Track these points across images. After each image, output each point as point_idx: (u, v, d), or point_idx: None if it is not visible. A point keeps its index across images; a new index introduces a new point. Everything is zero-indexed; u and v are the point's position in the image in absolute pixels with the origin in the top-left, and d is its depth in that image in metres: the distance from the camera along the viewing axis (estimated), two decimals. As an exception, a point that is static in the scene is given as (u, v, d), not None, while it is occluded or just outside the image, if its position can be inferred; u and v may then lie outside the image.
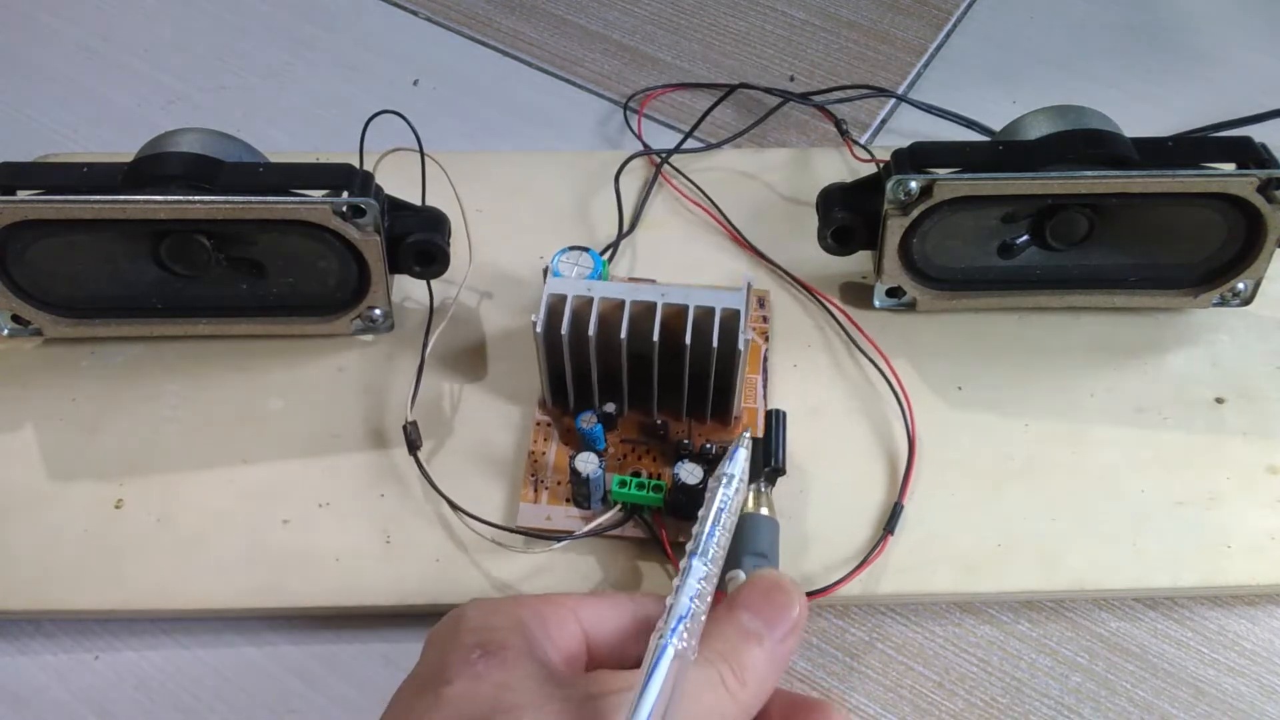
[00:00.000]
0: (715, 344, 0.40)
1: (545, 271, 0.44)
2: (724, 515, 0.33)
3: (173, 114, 0.58)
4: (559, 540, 0.41)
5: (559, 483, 0.42)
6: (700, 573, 0.31)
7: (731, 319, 0.41)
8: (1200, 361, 0.47)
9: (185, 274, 0.45)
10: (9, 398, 0.46)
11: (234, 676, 0.40)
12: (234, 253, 0.45)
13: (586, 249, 0.45)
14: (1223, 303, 0.47)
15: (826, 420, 0.45)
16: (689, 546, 0.32)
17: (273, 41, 0.62)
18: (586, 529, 0.41)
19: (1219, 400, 0.46)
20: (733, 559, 0.35)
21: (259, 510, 0.43)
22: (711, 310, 0.41)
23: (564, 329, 0.40)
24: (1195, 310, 0.48)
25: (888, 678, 0.40)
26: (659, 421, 0.43)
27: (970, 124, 0.55)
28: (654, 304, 0.41)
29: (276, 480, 0.43)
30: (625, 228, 0.51)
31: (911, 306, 0.48)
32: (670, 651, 0.28)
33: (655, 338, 0.40)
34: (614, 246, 0.50)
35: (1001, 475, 0.44)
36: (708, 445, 0.42)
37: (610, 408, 0.43)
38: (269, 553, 0.41)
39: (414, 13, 0.64)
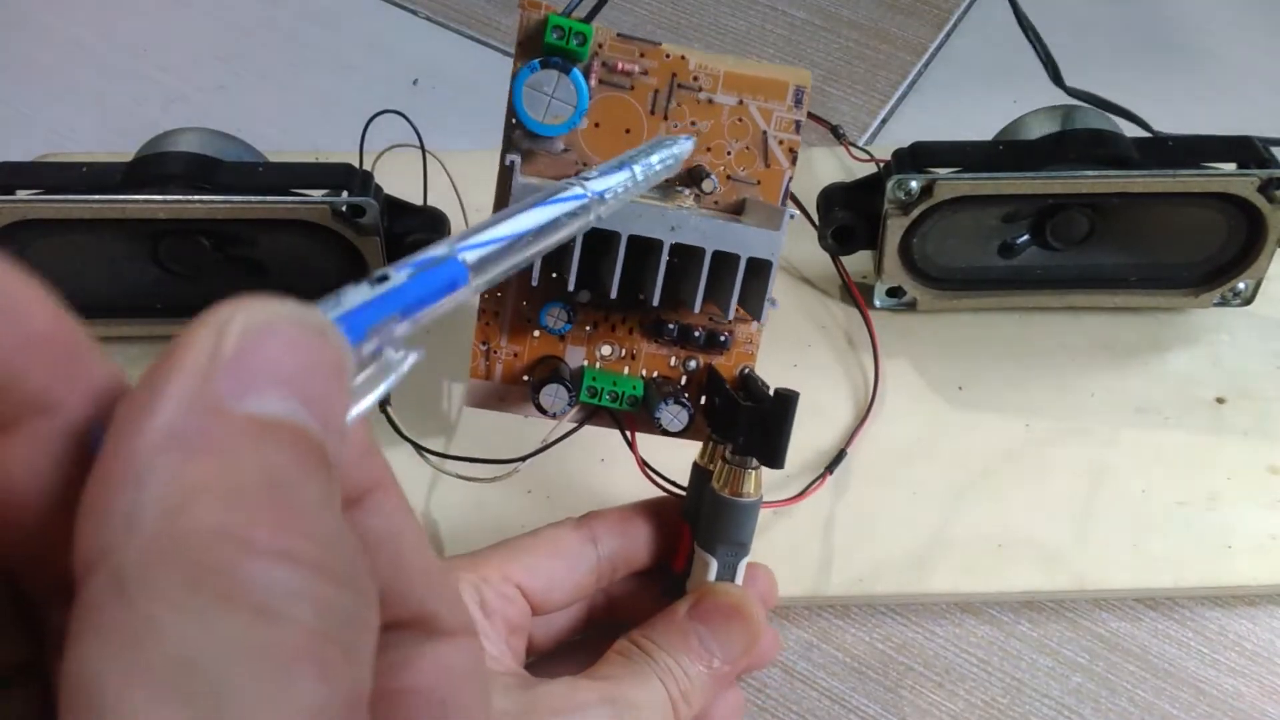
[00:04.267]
0: (732, 313, 0.33)
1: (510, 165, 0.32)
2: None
3: (172, 113, 0.58)
4: (517, 465, 0.38)
5: (515, 355, 0.36)
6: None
7: (760, 275, 0.32)
8: (1201, 361, 0.47)
9: (184, 274, 0.45)
10: (8, 398, 0.45)
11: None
12: (233, 252, 0.45)
13: (568, 67, 0.32)
14: (1223, 302, 0.47)
15: (824, 418, 0.45)
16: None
17: (273, 41, 0.62)
18: (540, 447, 0.37)
19: (1220, 400, 0.46)
20: (709, 545, 0.34)
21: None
22: (735, 261, 0.32)
23: (534, 279, 0.33)
24: (1196, 310, 0.48)
25: (888, 678, 0.40)
26: (640, 297, 0.34)
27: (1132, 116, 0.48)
28: (659, 243, 0.32)
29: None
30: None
31: (912, 306, 0.48)
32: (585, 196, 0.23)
33: (656, 300, 0.33)
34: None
35: (1001, 475, 0.44)
36: (695, 331, 0.35)
37: (584, 297, 0.35)
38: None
39: (414, 13, 0.64)
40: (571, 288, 0.33)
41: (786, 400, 0.32)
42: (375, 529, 0.16)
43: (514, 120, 0.33)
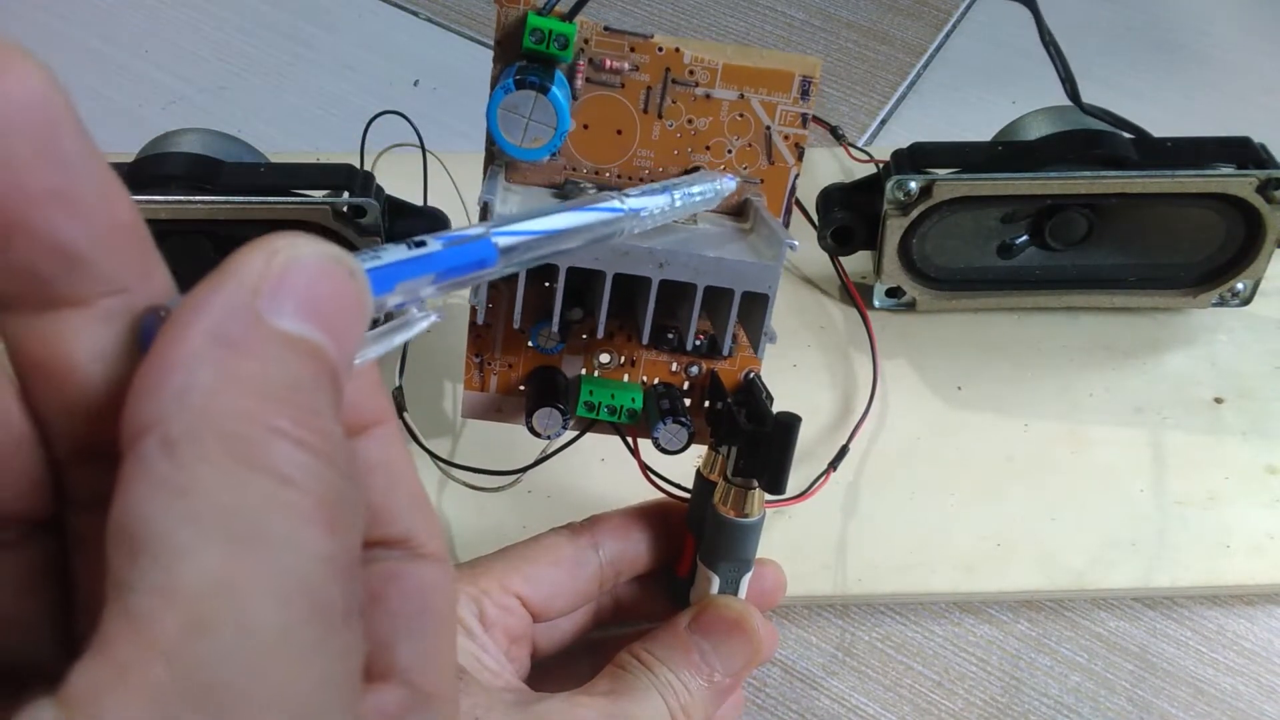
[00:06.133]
0: (726, 350, 0.32)
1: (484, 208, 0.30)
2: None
3: (173, 114, 0.58)
4: (519, 475, 0.39)
5: (510, 366, 0.35)
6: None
7: (756, 308, 0.30)
8: (1199, 361, 0.47)
9: (186, 275, 0.45)
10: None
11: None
12: (235, 253, 0.45)
13: (546, 86, 0.29)
14: (1222, 303, 0.47)
15: (824, 418, 0.45)
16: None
17: (273, 41, 0.62)
18: (540, 457, 0.38)
19: (1218, 400, 0.46)
20: (711, 563, 0.34)
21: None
22: (729, 296, 0.30)
23: (516, 320, 0.31)
24: (1194, 310, 0.48)
25: (888, 678, 0.40)
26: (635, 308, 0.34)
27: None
28: (648, 281, 0.30)
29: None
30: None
31: (911, 306, 0.48)
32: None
33: (645, 339, 0.31)
34: None
35: (1001, 475, 0.44)
36: (698, 341, 0.33)
37: (576, 314, 0.33)
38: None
39: (414, 13, 0.64)
40: (555, 328, 0.32)
41: (788, 428, 0.31)
42: (375, 456, 0.19)
43: (493, 146, 0.31)
